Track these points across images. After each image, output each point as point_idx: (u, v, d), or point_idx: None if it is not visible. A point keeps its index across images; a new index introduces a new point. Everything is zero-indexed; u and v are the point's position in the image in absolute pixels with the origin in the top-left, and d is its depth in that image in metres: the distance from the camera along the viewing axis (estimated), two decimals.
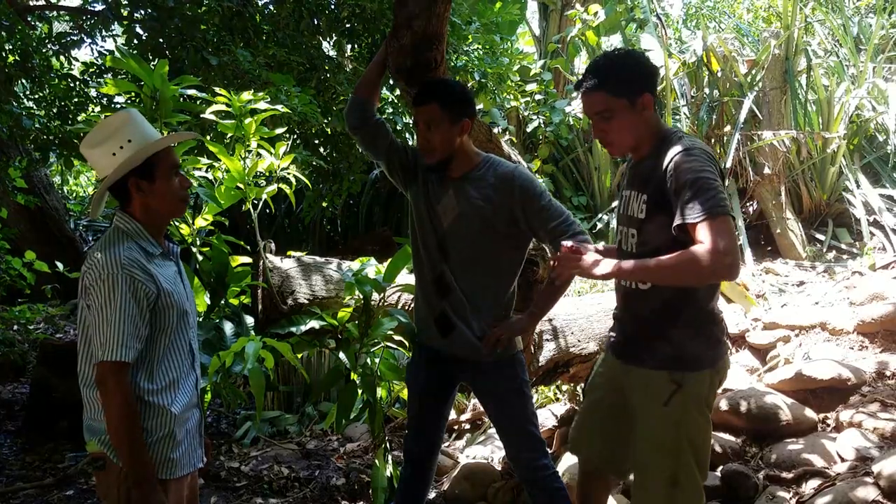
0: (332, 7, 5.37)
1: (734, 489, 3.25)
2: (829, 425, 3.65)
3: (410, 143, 6.46)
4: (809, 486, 3.19)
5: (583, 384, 4.40)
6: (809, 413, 3.64)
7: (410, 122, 5.94)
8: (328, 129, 5.65)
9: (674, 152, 2.13)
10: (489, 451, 4.25)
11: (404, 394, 3.82)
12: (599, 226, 6.83)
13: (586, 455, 2.57)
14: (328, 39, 5.70)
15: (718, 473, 3.31)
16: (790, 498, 3.14)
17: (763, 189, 6.33)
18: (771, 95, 6.57)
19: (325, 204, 6.49)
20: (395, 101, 5.85)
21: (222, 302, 3.36)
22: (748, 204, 6.82)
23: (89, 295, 1.93)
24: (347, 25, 5.33)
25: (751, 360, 4.38)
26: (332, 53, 5.86)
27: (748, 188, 6.40)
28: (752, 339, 4.48)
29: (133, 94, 3.95)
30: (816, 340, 4.30)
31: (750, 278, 5.33)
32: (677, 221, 2.08)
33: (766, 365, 4.29)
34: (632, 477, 2.44)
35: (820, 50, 7.92)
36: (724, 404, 3.65)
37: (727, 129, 6.67)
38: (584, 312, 4.04)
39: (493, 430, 4.48)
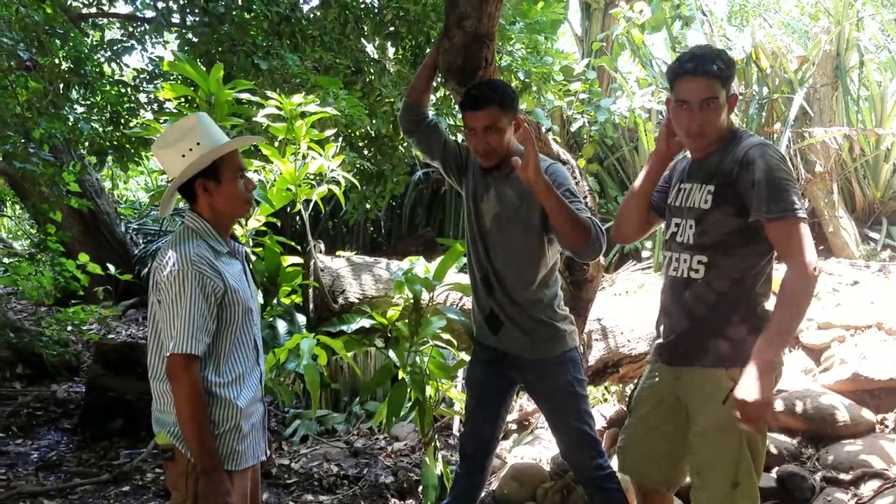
0: (377, 10, 5.42)
1: (790, 491, 3.20)
2: (887, 426, 3.56)
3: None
4: (868, 488, 3.13)
5: (630, 388, 4.37)
6: (867, 414, 3.56)
7: (454, 122, 5.96)
8: (372, 132, 5.70)
9: (749, 145, 2.14)
10: (537, 452, 4.23)
11: (451, 393, 3.83)
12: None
13: (640, 475, 2.49)
14: (373, 42, 5.75)
15: (774, 475, 3.26)
16: (848, 500, 3.08)
17: (815, 187, 6.21)
18: (822, 92, 6.44)
19: (368, 206, 6.54)
20: (439, 102, 5.87)
21: (275, 301, 3.41)
22: None
23: (160, 290, 1.99)
24: (391, 28, 5.37)
25: (805, 360, 4.28)
26: (376, 56, 5.91)
27: (799, 186, 6.28)
28: (806, 340, 4.39)
29: (186, 98, 4.04)
30: (873, 340, 4.19)
31: None
32: (754, 217, 2.09)
33: (820, 365, 4.20)
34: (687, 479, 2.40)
35: (871, 45, 7.74)
36: (779, 405, 3.59)
37: (777, 126, 6.55)
38: (633, 312, 4.00)
39: (540, 431, 4.46)
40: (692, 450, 2.28)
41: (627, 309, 4.06)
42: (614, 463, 3.52)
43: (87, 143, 5.16)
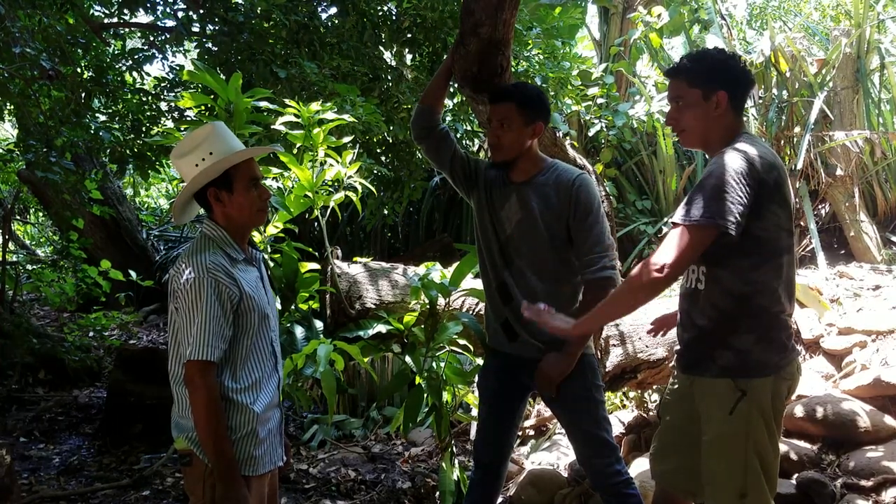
0: (394, 18, 5.45)
1: (810, 497, 3.17)
2: None
3: (472, 149, 6.48)
4: (889, 495, 3.10)
5: (650, 392, 4.35)
6: (889, 420, 3.52)
7: (471, 128, 5.97)
8: (390, 138, 5.72)
9: (720, 153, 2.13)
10: (555, 458, 4.23)
11: (469, 398, 3.83)
12: (665, 229, 6.72)
13: (669, 483, 2.47)
14: (390, 50, 5.78)
15: (794, 481, 3.24)
16: None
17: (835, 191, 6.16)
18: (842, 95, 6.39)
19: (386, 211, 6.55)
20: (456, 108, 5.88)
21: (293, 307, 3.43)
22: (820, 206, 6.63)
23: (177, 298, 2.02)
24: (409, 35, 5.39)
25: (826, 366, 4.24)
26: (394, 63, 5.93)
27: (820, 190, 6.22)
28: (826, 345, 4.35)
29: (205, 106, 4.07)
30: (894, 346, 4.14)
31: (823, 282, 5.18)
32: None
33: (841, 371, 4.15)
34: None
35: (893, 48, 7.64)
36: (799, 411, 3.55)
37: (797, 130, 6.49)
38: (651, 317, 3.97)
39: (558, 437, 4.45)
40: (702, 459, 2.26)
41: (646, 314, 4.04)
42: (632, 470, 3.52)
43: (108, 151, 5.22)
